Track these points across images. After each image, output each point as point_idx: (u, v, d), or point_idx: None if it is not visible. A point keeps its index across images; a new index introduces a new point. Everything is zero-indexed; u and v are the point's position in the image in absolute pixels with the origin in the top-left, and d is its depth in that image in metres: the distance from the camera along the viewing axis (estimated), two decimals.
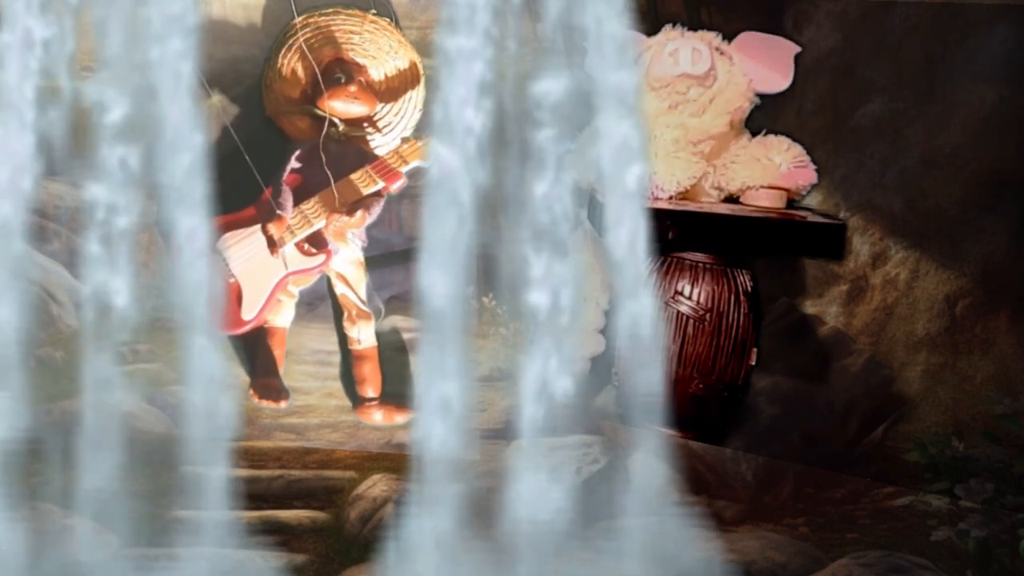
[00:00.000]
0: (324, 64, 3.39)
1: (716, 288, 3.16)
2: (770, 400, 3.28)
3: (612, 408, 3.32)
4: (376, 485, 3.09)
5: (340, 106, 3.37)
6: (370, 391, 3.44)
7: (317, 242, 3.35)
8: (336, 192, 3.33)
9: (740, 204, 3.27)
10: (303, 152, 3.39)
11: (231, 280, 3.32)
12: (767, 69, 3.26)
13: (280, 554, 2.85)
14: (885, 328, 3.26)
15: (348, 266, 3.44)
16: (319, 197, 3.34)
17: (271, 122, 3.47)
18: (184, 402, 3.02)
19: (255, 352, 3.45)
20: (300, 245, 3.34)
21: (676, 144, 3.19)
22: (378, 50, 3.47)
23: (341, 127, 3.40)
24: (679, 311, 3.17)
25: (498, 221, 3.11)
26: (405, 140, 3.45)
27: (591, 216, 3.29)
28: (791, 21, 3.38)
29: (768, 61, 3.26)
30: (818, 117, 3.34)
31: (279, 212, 3.30)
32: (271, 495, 3.10)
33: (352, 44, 3.45)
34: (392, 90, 3.50)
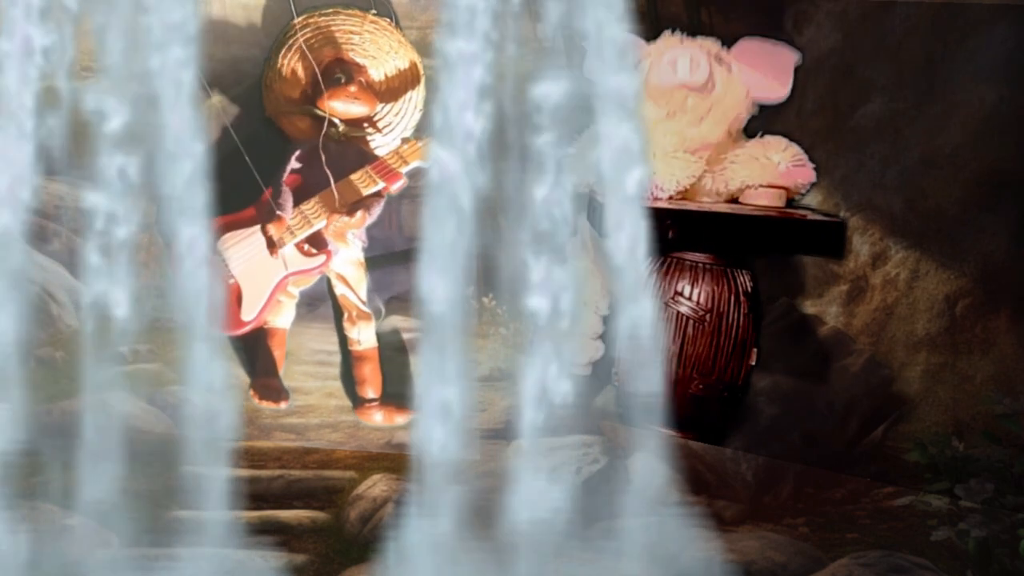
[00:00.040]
0: (324, 64, 3.39)
1: (716, 288, 3.16)
2: (770, 400, 3.28)
3: (612, 408, 3.32)
4: (376, 485, 3.09)
5: (340, 106, 3.37)
6: (370, 392, 3.44)
7: (317, 243, 3.35)
8: (336, 192, 3.33)
9: (740, 204, 3.27)
10: (303, 152, 3.38)
11: (231, 281, 3.32)
12: (766, 78, 3.26)
13: (280, 554, 2.85)
14: (885, 328, 3.25)
15: (348, 267, 3.44)
16: (319, 197, 3.34)
17: (271, 122, 3.47)
18: (184, 402, 3.02)
19: (255, 353, 3.45)
20: (300, 246, 3.34)
21: (675, 146, 3.19)
22: (378, 50, 3.47)
23: (341, 127, 3.40)
24: (679, 311, 3.16)
25: (498, 222, 3.11)
26: (405, 140, 3.45)
27: (591, 217, 3.29)
28: (791, 21, 3.38)
29: (767, 69, 3.26)
30: (818, 117, 3.34)
31: (279, 213, 3.31)
32: (271, 495, 3.10)
33: (352, 44, 3.45)
34: (392, 90, 3.50)
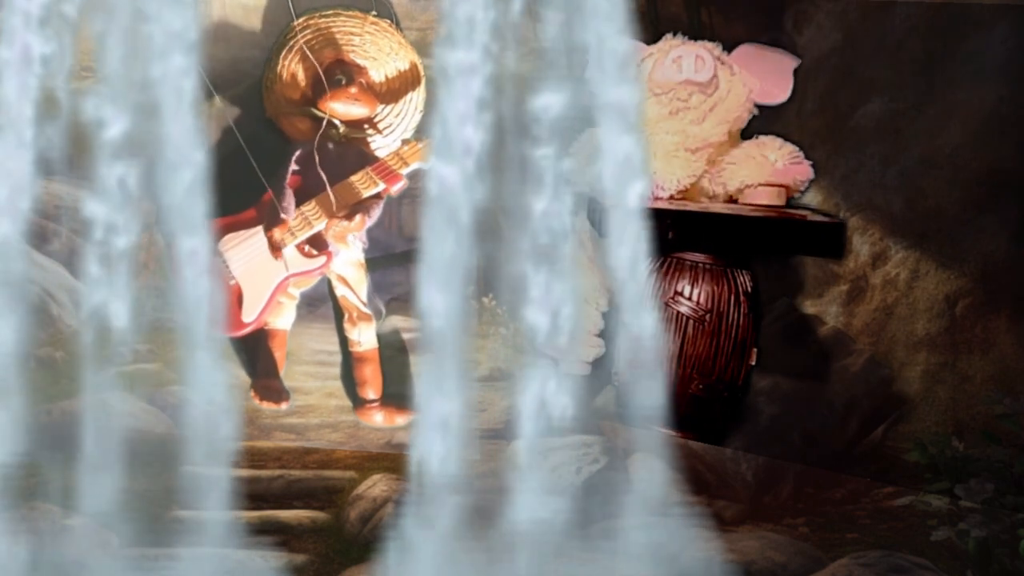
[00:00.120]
0: (325, 66, 3.39)
1: (716, 288, 3.15)
2: (770, 400, 3.28)
3: (612, 408, 3.32)
4: (376, 485, 3.09)
5: (341, 108, 3.37)
6: (371, 393, 3.44)
7: (318, 244, 3.35)
8: (334, 195, 3.33)
9: (739, 204, 3.27)
10: (303, 153, 3.38)
11: (231, 282, 3.32)
12: (766, 82, 3.27)
13: (280, 554, 2.85)
14: (885, 328, 3.25)
15: (349, 268, 3.44)
16: (320, 199, 3.34)
17: (271, 123, 3.47)
18: (184, 402, 3.02)
19: (256, 354, 3.45)
20: (300, 247, 3.34)
21: (675, 145, 3.19)
22: (379, 51, 3.47)
23: (341, 129, 3.40)
24: (679, 312, 3.16)
25: (499, 226, 3.11)
26: (405, 142, 3.45)
27: (591, 216, 3.29)
28: (791, 21, 3.38)
29: (767, 75, 3.27)
30: (818, 117, 3.34)
31: (282, 215, 3.31)
32: (271, 495, 3.11)
33: (352, 45, 3.45)
34: (393, 91, 3.50)
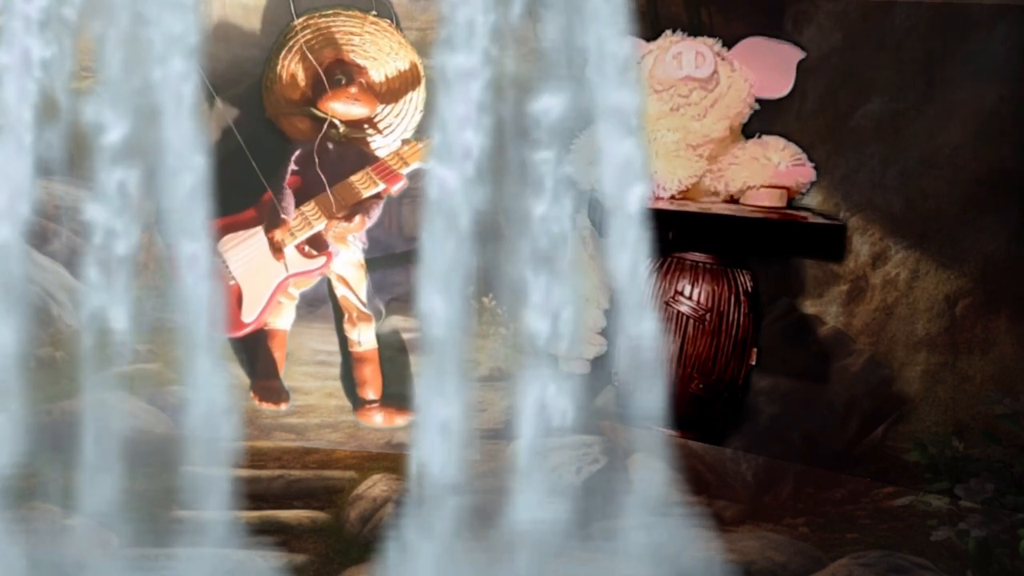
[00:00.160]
0: (325, 65, 3.39)
1: (716, 288, 3.15)
2: (770, 400, 3.28)
3: (612, 408, 3.32)
4: (376, 485, 3.09)
5: (341, 107, 3.37)
6: (371, 393, 3.44)
7: (317, 244, 3.35)
8: (334, 195, 3.33)
9: (740, 204, 3.27)
10: (303, 154, 3.38)
11: (231, 282, 3.32)
12: (768, 75, 3.26)
13: (280, 554, 2.85)
14: (885, 328, 3.25)
15: (349, 268, 3.44)
16: (319, 199, 3.34)
17: (271, 123, 3.47)
18: (184, 402, 3.02)
19: (255, 354, 3.45)
20: (300, 247, 3.34)
21: (677, 144, 3.19)
22: (379, 51, 3.47)
23: (341, 129, 3.40)
24: (679, 311, 3.16)
25: (499, 224, 3.11)
26: (405, 142, 3.45)
27: (591, 215, 3.29)
28: (791, 21, 3.38)
29: (769, 67, 3.26)
30: (818, 117, 3.34)
31: (283, 215, 3.30)
32: (271, 495, 3.11)
33: (352, 45, 3.45)
34: (393, 91, 3.50)
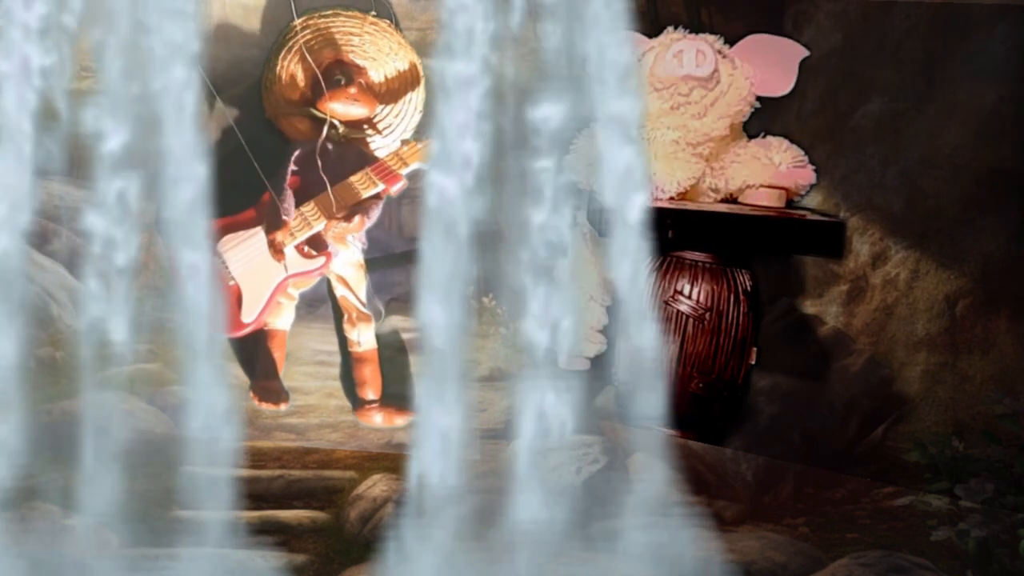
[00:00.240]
0: (324, 66, 3.39)
1: (716, 287, 3.15)
2: (770, 400, 3.28)
3: (612, 408, 3.32)
4: (376, 485, 3.09)
5: (340, 108, 3.37)
6: (370, 394, 3.44)
7: (317, 244, 3.35)
8: (334, 196, 3.33)
9: (739, 204, 3.27)
10: (302, 154, 3.38)
11: (231, 283, 3.32)
12: (770, 73, 3.26)
13: (280, 554, 2.85)
14: (885, 328, 3.25)
15: (348, 268, 3.44)
16: (319, 199, 3.34)
17: (271, 124, 3.47)
18: (184, 402, 3.02)
19: (255, 355, 3.45)
20: (300, 247, 3.34)
21: (676, 145, 3.19)
22: (378, 52, 3.47)
23: (341, 129, 3.40)
24: (679, 310, 3.16)
25: (500, 227, 3.11)
26: (405, 142, 3.45)
27: (591, 215, 3.29)
28: (791, 21, 3.38)
29: (772, 65, 3.26)
30: (818, 117, 3.34)
31: (283, 216, 3.30)
32: (271, 495, 3.10)
33: (352, 46, 3.45)
34: (392, 92, 3.50)
